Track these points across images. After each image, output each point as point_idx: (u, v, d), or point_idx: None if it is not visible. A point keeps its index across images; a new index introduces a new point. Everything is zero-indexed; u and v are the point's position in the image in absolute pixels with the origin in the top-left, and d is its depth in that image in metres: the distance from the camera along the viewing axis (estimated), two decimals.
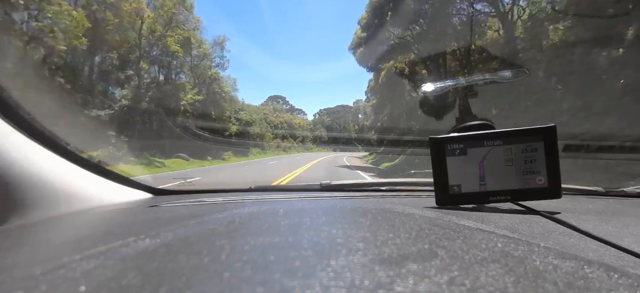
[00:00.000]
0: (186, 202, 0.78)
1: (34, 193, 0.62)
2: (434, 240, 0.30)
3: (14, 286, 0.23)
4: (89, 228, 0.57)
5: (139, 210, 0.71)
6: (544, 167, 0.59)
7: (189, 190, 1.04)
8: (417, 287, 0.20)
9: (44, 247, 0.43)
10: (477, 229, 0.39)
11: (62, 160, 0.71)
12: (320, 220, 0.37)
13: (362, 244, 0.28)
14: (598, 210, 0.66)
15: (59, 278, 0.23)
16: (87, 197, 0.74)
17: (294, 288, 0.20)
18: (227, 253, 0.26)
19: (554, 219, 0.55)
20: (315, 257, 0.25)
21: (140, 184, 0.94)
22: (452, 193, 0.62)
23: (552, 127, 0.59)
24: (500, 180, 0.60)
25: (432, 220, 0.42)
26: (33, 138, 0.65)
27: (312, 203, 0.71)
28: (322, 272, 0.22)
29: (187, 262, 0.25)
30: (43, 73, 9.47)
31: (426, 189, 0.93)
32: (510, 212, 0.61)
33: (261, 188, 1.03)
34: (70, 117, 9.26)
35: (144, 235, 0.33)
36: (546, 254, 0.29)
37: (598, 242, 0.43)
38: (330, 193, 0.96)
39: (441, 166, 0.62)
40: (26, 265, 0.32)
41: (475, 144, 0.61)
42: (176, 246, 0.30)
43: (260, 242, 0.29)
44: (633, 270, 0.31)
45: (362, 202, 0.70)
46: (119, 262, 0.26)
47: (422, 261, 0.24)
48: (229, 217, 0.41)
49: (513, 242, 0.33)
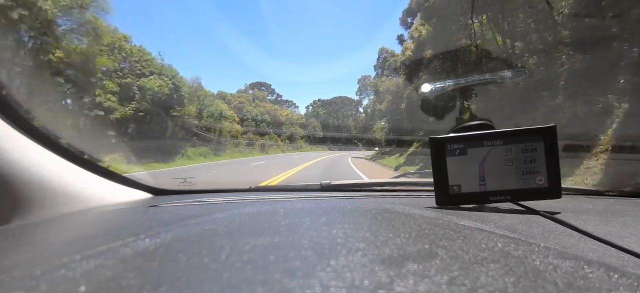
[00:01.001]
0: (186, 202, 0.78)
1: (34, 193, 0.62)
2: (434, 240, 0.30)
3: (14, 286, 0.23)
4: (89, 228, 0.57)
5: (139, 210, 0.71)
6: (544, 167, 0.59)
7: (189, 190, 1.04)
8: (417, 287, 0.20)
9: (44, 247, 0.43)
10: (477, 229, 0.39)
11: (62, 160, 0.71)
12: (320, 220, 0.37)
13: (362, 244, 0.28)
14: (598, 210, 0.66)
15: (59, 278, 0.23)
16: (87, 197, 0.74)
17: (294, 288, 0.20)
18: (227, 253, 0.26)
19: (554, 219, 0.55)
20: (315, 257, 0.25)
21: (140, 184, 0.94)
22: (452, 193, 0.62)
23: (552, 127, 0.59)
24: (500, 180, 0.60)
25: (432, 220, 0.42)
26: (33, 138, 0.65)
27: (312, 203, 0.71)
28: (322, 272, 0.22)
29: (187, 262, 0.25)
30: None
31: (426, 189, 0.93)
32: (510, 212, 0.61)
33: (261, 189, 1.03)
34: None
35: (144, 235, 0.33)
36: (546, 254, 0.29)
37: (598, 242, 0.43)
38: (330, 193, 0.96)
39: (441, 166, 0.62)
40: (26, 265, 0.32)
41: (475, 144, 0.61)
42: (176, 246, 0.30)
43: (260, 242, 0.29)
44: (633, 270, 0.31)
45: (362, 202, 0.70)
46: (119, 262, 0.26)
47: (422, 261, 0.24)
48: (229, 217, 0.41)
49: (513, 242, 0.33)
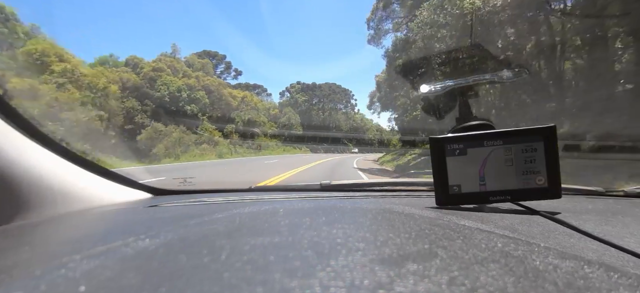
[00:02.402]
0: (186, 202, 0.78)
1: (33, 193, 0.62)
2: (434, 240, 0.30)
3: (13, 286, 0.23)
4: (89, 228, 0.57)
5: (139, 210, 0.71)
6: (544, 167, 0.59)
7: (189, 190, 1.04)
8: (417, 287, 0.20)
9: (44, 247, 0.43)
10: (477, 229, 0.39)
11: (62, 160, 0.71)
12: (320, 220, 0.37)
13: (362, 244, 0.28)
14: (598, 210, 0.66)
15: (59, 278, 0.23)
16: (87, 197, 0.74)
17: (294, 288, 0.20)
18: (227, 253, 0.26)
19: (554, 219, 0.55)
20: (315, 257, 0.25)
21: (140, 184, 0.94)
22: (452, 193, 0.62)
23: (552, 127, 0.59)
24: (500, 180, 0.60)
25: (432, 220, 0.42)
26: (33, 138, 0.65)
27: (312, 203, 0.71)
28: (322, 272, 0.22)
29: (187, 262, 0.25)
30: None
31: (426, 189, 0.93)
32: (510, 212, 0.61)
33: (261, 189, 1.04)
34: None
35: (144, 235, 0.33)
36: (546, 254, 0.29)
37: (598, 242, 0.43)
38: (330, 193, 0.96)
39: (441, 166, 0.62)
40: (26, 265, 0.32)
41: (475, 144, 0.61)
42: (176, 246, 0.30)
43: (260, 242, 0.29)
44: (633, 270, 0.31)
45: (362, 202, 0.70)
46: (119, 262, 0.26)
47: (422, 261, 0.24)
48: (229, 217, 0.41)
49: (513, 242, 0.33)
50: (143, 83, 22.37)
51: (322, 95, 45.92)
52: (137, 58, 24.93)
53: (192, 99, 24.44)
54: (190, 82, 25.35)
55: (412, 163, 14.49)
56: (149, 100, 21.50)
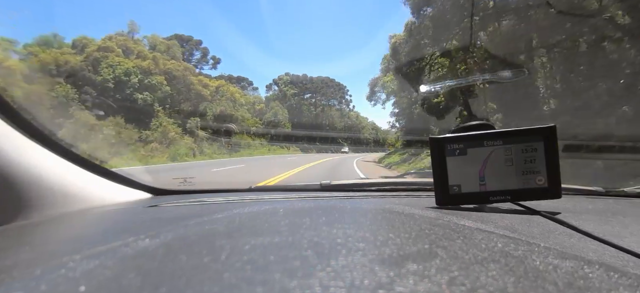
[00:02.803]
0: (186, 202, 0.78)
1: (34, 193, 0.62)
2: (434, 240, 0.30)
3: (13, 286, 0.23)
4: (89, 228, 0.57)
5: (139, 210, 0.71)
6: (544, 167, 0.59)
7: (189, 190, 1.04)
8: (417, 287, 0.20)
9: (44, 246, 0.43)
10: (477, 229, 0.39)
11: (62, 160, 0.71)
12: (320, 220, 0.37)
13: (362, 244, 0.28)
14: (598, 210, 0.66)
15: (59, 278, 0.23)
16: (87, 197, 0.74)
17: (294, 288, 0.20)
18: (227, 253, 0.26)
19: (554, 219, 0.55)
20: (315, 257, 0.25)
21: (140, 184, 0.94)
22: (452, 193, 0.62)
23: (552, 127, 0.59)
24: (500, 180, 0.60)
25: (432, 220, 0.42)
26: (33, 138, 0.65)
27: (312, 203, 0.71)
28: (322, 272, 0.22)
29: (187, 262, 0.25)
30: None
31: (426, 189, 0.93)
32: (510, 212, 0.61)
33: (261, 188, 1.04)
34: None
35: (144, 235, 0.33)
36: (546, 254, 0.29)
37: (598, 242, 0.43)
38: (330, 193, 0.96)
39: (441, 166, 0.62)
40: (26, 265, 0.32)
41: (475, 144, 0.61)
42: (176, 246, 0.30)
43: (260, 242, 0.29)
44: (633, 270, 0.31)
45: (362, 202, 0.70)
46: (119, 262, 0.26)
47: (422, 261, 0.24)
48: (229, 217, 0.41)
49: (513, 242, 0.33)
50: (84, 66, 17.34)
51: (314, 89, 39.61)
52: (86, 38, 19.53)
53: (145, 85, 18.68)
54: (145, 65, 19.24)
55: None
56: (91, 87, 16.59)
